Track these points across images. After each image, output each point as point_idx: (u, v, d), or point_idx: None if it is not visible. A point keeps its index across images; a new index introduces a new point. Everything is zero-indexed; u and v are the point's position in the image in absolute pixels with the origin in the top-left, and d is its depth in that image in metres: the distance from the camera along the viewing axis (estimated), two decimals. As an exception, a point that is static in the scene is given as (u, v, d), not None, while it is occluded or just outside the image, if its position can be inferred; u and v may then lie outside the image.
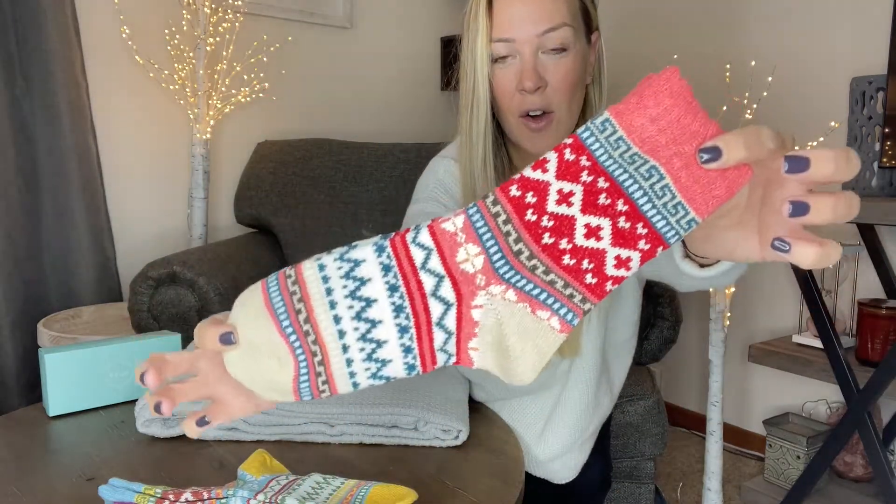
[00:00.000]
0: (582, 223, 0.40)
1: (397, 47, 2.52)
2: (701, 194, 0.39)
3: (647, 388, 1.40)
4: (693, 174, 0.39)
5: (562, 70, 0.83)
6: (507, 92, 0.84)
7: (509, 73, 0.84)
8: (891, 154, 1.51)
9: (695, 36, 2.12)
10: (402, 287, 0.41)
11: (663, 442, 1.41)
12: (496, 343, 0.42)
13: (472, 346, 0.42)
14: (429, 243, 0.41)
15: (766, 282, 2.00)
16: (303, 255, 1.79)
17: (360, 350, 0.42)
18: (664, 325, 1.45)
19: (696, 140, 0.40)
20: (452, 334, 0.42)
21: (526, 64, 0.82)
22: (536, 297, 0.42)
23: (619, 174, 0.39)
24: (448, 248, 0.41)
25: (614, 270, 0.40)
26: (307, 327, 0.42)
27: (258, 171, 1.91)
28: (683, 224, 0.39)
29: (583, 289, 0.41)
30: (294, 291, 0.42)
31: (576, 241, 0.40)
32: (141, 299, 1.46)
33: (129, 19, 1.88)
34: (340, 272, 0.41)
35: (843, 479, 1.71)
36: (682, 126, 0.40)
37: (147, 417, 0.94)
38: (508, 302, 0.42)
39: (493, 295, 0.42)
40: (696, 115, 0.41)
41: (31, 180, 1.74)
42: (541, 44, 0.82)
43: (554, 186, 0.40)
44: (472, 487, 0.83)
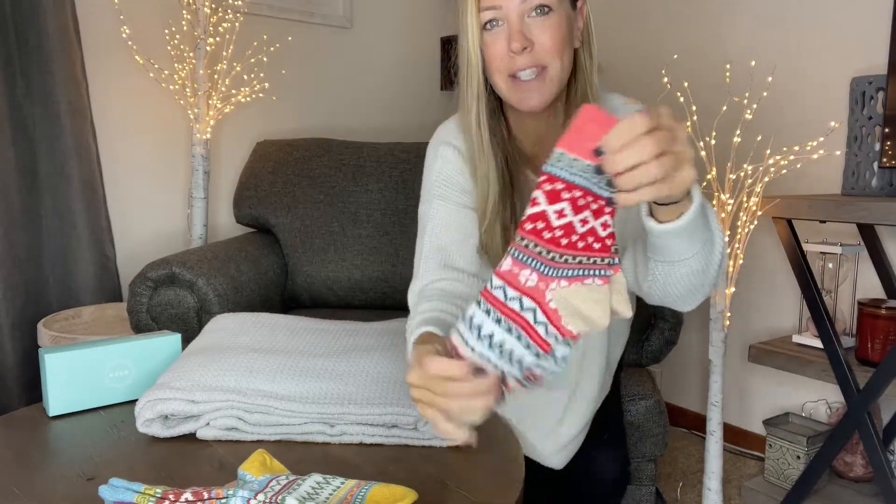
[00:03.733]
0: (577, 220, 0.63)
1: (397, 47, 2.52)
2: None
3: (647, 389, 1.40)
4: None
5: (547, 30, 0.88)
6: (497, 55, 0.90)
7: (498, 37, 0.89)
8: (891, 154, 1.50)
9: (695, 36, 2.12)
10: (502, 317, 0.64)
11: (664, 443, 1.40)
12: (574, 313, 0.63)
13: (564, 323, 0.63)
14: (499, 283, 0.64)
15: (766, 282, 2.00)
16: (302, 256, 1.79)
17: (505, 363, 0.63)
18: (665, 326, 1.45)
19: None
20: (548, 323, 0.64)
21: (513, 27, 0.88)
22: (577, 276, 0.64)
23: (581, 181, 0.61)
24: (512, 280, 0.64)
25: (604, 231, 0.63)
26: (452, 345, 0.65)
27: (257, 170, 1.90)
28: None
29: (597, 255, 0.64)
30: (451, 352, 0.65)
31: (578, 232, 0.63)
32: (140, 300, 1.45)
33: (129, 19, 1.88)
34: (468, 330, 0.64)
35: (843, 479, 1.71)
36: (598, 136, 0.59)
37: (147, 417, 0.94)
38: (564, 288, 0.64)
39: (553, 290, 0.64)
40: (610, 126, 0.59)
41: (31, 180, 1.74)
42: (525, 8, 0.88)
43: (549, 211, 0.63)
44: (472, 487, 0.83)
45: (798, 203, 1.50)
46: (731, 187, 1.35)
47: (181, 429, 0.95)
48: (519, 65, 0.89)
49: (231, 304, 1.49)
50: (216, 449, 0.92)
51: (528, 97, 0.91)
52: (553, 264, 0.64)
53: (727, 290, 1.39)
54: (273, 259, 1.79)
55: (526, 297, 0.64)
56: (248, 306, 1.55)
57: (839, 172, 1.71)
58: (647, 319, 1.46)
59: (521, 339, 0.63)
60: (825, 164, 1.74)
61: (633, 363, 1.48)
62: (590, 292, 0.64)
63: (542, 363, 0.63)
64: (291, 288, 1.82)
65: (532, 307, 0.64)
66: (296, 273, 1.80)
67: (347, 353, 1.08)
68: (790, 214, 1.52)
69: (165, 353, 1.12)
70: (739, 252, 1.39)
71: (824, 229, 1.79)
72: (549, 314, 0.63)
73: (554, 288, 0.64)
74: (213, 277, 1.48)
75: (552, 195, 0.62)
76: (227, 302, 1.49)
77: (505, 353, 0.63)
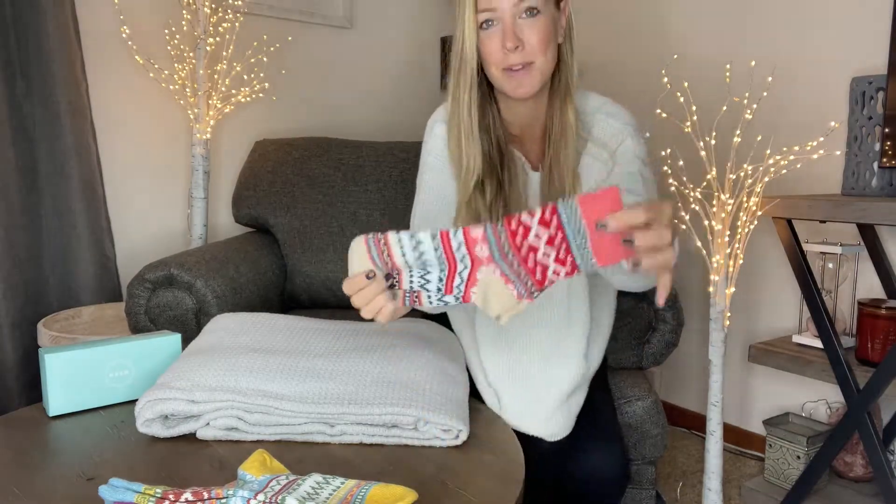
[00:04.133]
0: (542, 253, 0.78)
1: (397, 47, 2.52)
2: (603, 255, 0.76)
3: (643, 389, 1.39)
4: (603, 241, 0.75)
5: (536, 30, 1.02)
6: (492, 51, 1.03)
7: (494, 36, 1.02)
8: (891, 154, 1.50)
9: (694, 36, 2.12)
10: (443, 255, 0.80)
11: (663, 444, 1.40)
12: (484, 293, 0.81)
13: (473, 291, 0.82)
14: (460, 236, 0.79)
15: (766, 282, 2.00)
16: (301, 256, 1.79)
17: (418, 277, 0.82)
18: (665, 328, 1.44)
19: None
20: (465, 282, 0.81)
21: (507, 28, 1.01)
22: (508, 278, 0.80)
23: (569, 233, 0.76)
24: (470, 242, 0.79)
25: (553, 276, 0.79)
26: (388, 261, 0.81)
27: (256, 170, 1.90)
28: (590, 266, 0.77)
29: (531, 281, 0.80)
30: (382, 247, 0.81)
31: (537, 259, 0.78)
32: (138, 302, 1.44)
33: (129, 19, 1.88)
34: (410, 240, 0.80)
35: (843, 479, 1.71)
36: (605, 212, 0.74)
37: (147, 417, 0.94)
38: (494, 274, 0.81)
39: (488, 269, 0.80)
40: (617, 204, 0.74)
41: (31, 180, 1.74)
42: (517, 11, 1.01)
43: (533, 230, 0.77)
44: (472, 487, 0.83)
45: (798, 203, 1.50)
46: (731, 187, 1.35)
47: (181, 429, 0.95)
48: (512, 61, 1.02)
49: (230, 306, 1.49)
50: (216, 449, 0.92)
51: (520, 86, 1.04)
52: (503, 258, 0.79)
53: (727, 290, 1.39)
54: (272, 259, 1.78)
55: (469, 256, 0.80)
56: (246, 307, 1.55)
57: (839, 172, 1.71)
58: (647, 322, 1.46)
59: (442, 270, 0.81)
60: (825, 164, 1.74)
61: (634, 365, 1.47)
62: (503, 292, 0.80)
63: (430, 293, 0.82)
64: (290, 288, 1.82)
65: (466, 264, 0.81)
66: (295, 273, 1.80)
67: (347, 353, 1.08)
68: (790, 214, 1.52)
69: (165, 353, 1.12)
70: (739, 252, 1.39)
71: (824, 229, 1.79)
72: (470, 278, 0.81)
73: (489, 269, 0.80)
74: (211, 279, 1.48)
75: (543, 224, 0.76)
76: (226, 303, 1.48)
77: (421, 263, 0.80)
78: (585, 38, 2.57)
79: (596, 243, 0.76)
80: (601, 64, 2.41)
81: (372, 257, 0.82)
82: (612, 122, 1.11)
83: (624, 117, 1.13)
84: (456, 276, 0.81)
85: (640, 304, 1.44)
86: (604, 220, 0.73)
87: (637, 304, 1.44)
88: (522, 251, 0.78)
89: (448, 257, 0.80)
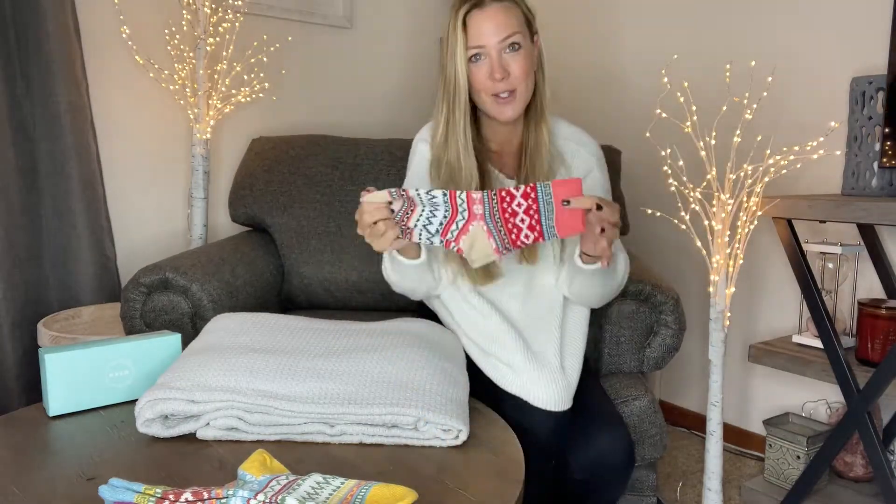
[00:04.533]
0: (519, 218, 1.02)
1: (397, 47, 2.52)
2: (563, 227, 1.01)
3: (639, 390, 1.39)
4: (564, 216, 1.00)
5: (518, 62, 1.19)
6: (482, 81, 1.19)
7: (483, 68, 1.19)
8: (891, 154, 1.51)
9: (694, 36, 2.12)
10: (449, 204, 1.03)
11: (663, 444, 1.39)
12: (471, 241, 1.04)
13: (463, 238, 1.04)
14: (464, 197, 1.02)
15: (766, 282, 2.00)
16: (299, 257, 1.78)
17: (427, 214, 1.03)
18: (667, 333, 1.43)
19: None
20: (459, 230, 1.04)
21: (494, 62, 1.18)
22: (491, 232, 1.03)
23: (541, 207, 1.00)
24: (471, 202, 1.02)
25: (523, 239, 1.02)
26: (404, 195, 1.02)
27: (253, 169, 1.88)
28: (553, 235, 1.01)
29: (508, 239, 1.03)
30: (401, 192, 1.02)
31: (515, 222, 1.02)
32: (133, 306, 1.43)
33: (129, 19, 1.88)
34: (423, 190, 1.02)
35: (843, 479, 1.71)
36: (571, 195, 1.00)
37: (147, 417, 0.94)
38: (482, 229, 1.04)
39: (479, 224, 1.03)
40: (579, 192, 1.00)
41: (31, 180, 1.74)
42: (502, 47, 1.18)
43: (517, 198, 1.01)
44: (472, 487, 0.83)
45: (798, 203, 1.50)
46: (731, 187, 1.35)
47: (181, 429, 0.95)
48: (499, 89, 1.19)
49: (226, 309, 1.47)
50: (216, 449, 0.92)
51: (505, 111, 1.21)
52: (492, 217, 1.03)
53: (727, 290, 1.39)
54: (269, 260, 1.77)
55: (468, 210, 1.03)
56: (243, 310, 1.54)
57: (839, 172, 1.71)
58: (649, 326, 1.44)
59: (445, 214, 1.03)
60: (825, 165, 1.74)
61: (635, 370, 1.46)
62: (485, 243, 1.04)
63: (427, 231, 1.04)
64: (288, 290, 1.81)
65: (464, 217, 1.03)
66: (292, 274, 1.79)
67: (347, 353, 1.08)
68: (790, 214, 1.52)
69: (165, 353, 1.12)
70: (739, 252, 1.39)
71: (824, 229, 1.79)
72: (464, 228, 1.04)
73: (479, 224, 1.03)
74: (207, 282, 1.46)
75: (525, 196, 1.00)
76: (222, 307, 1.47)
77: (432, 204, 1.03)
78: (586, 38, 2.58)
79: (559, 218, 1.00)
80: (601, 64, 2.41)
81: (390, 193, 1.01)
82: (582, 152, 1.30)
83: (593, 148, 1.33)
84: (453, 224, 1.03)
85: (642, 307, 1.44)
86: (568, 199, 0.99)
87: (638, 309, 1.43)
88: (506, 214, 1.01)
89: (452, 206, 1.02)
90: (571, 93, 2.50)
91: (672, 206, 1.58)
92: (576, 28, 2.47)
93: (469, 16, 1.18)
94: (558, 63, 2.56)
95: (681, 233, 1.47)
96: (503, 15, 1.17)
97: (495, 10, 1.17)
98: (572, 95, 2.50)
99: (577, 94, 2.49)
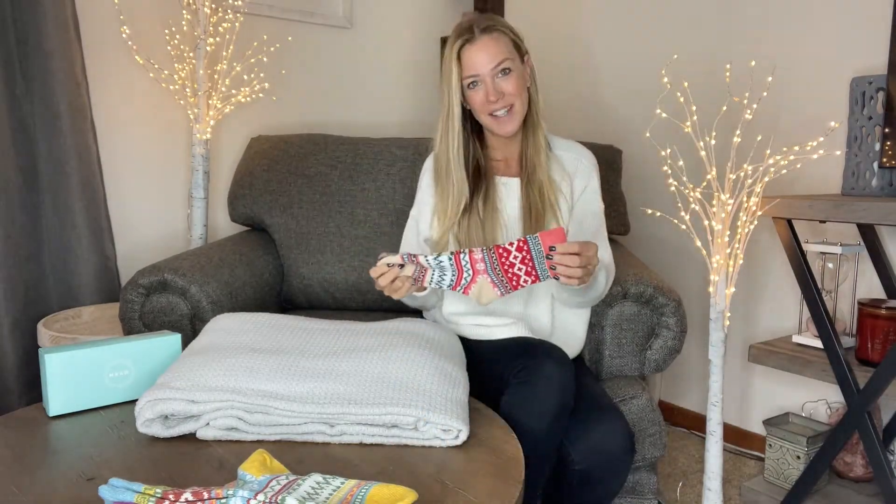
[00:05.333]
0: (517, 268, 1.16)
1: (397, 47, 2.52)
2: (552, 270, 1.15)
3: (637, 389, 1.38)
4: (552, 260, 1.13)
5: (511, 84, 1.33)
6: (480, 103, 1.35)
7: (480, 93, 1.34)
8: (891, 154, 1.51)
9: (694, 36, 2.12)
10: (455, 267, 1.18)
11: (662, 442, 1.39)
12: (479, 291, 1.18)
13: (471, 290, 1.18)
14: (468, 259, 1.18)
15: (766, 282, 2.00)
16: (298, 257, 1.78)
17: (437, 277, 1.18)
18: (668, 335, 1.42)
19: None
20: (467, 284, 1.18)
21: (489, 87, 1.33)
22: (494, 282, 1.17)
23: (534, 256, 1.14)
24: (474, 261, 1.17)
25: (522, 283, 1.17)
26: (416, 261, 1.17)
27: (252, 168, 1.87)
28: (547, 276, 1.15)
29: (510, 285, 1.17)
30: (413, 257, 1.16)
31: (514, 271, 1.16)
32: (132, 307, 1.42)
33: (129, 19, 1.88)
34: (431, 257, 1.17)
35: (843, 479, 1.71)
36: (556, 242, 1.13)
37: (147, 417, 0.94)
38: (487, 281, 1.18)
39: (484, 277, 1.18)
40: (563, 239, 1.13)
41: (31, 180, 1.74)
42: (494, 72, 1.32)
43: (513, 253, 1.15)
44: (472, 487, 0.83)
45: (798, 203, 1.50)
46: (731, 187, 1.35)
47: (181, 429, 0.95)
48: (496, 108, 1.33)
49: (225, 310, 1.47)
50: (216, 449, 0.92)
51: (504, 126, 1.35)
52: (493, 271, 1.17)
53: (727, 290, 1.39)
54: (268, 260, 1.77)
55: (471, 269, 1.17)
56: (243, 311, 1.54)
57: (839, 172, 1.71)
58: (650, 328, 1.44)
59: (453, 276, 1.18)
60: (825, 164, 1.74)
61: (636, 373, 1.46)
62: (490, 291, 1.18)
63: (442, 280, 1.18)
64: (287, 290, 1.81)
65: (469, 275, 1.18)
66: (292, 275, 1.79)
67: (347, 353, 1.08)
68: (790, 214, 1.52)
69: (165, 353, 1.12)
70: (739, 252, 1.39)
71: (824, 229, 1.79)
72: (471, 282, 1.18)
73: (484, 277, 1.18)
74: (206, 284, 1.46)
75: (519, 250, 1.15)
76: (221, 308, 1.47)
77: (439, 268, 1.18)
78: (586, 37, 2.58)
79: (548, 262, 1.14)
80: (601, 63, 2.41)
81: (402, 257, 1.15)
82: (583, 161, 1.44)
83: (590, 157, 1.46)
84: (462, 281, 1.19)
85: (643, 310, 1.43)
86: (554, 246, 1.12)
87: (640, 311, 1.43)
88: (505, 266, 1.16)
89: (458, 268, 1.18)
90: (572, 92, 2.50)
91: (672, 206, 1.57)
92: (576, 27, 2.47)
93: (463, 50, 1.33)
94: (559, 62, 2.56)
95: (681, 233, 1.47)
96: (493, 45, 1.32)
97: (485, 42, 1.32)
98: (573, 94, 2.50)
99: (577, 93, 2.49)
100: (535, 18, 2.60)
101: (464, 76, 1.34)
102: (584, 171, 1.43)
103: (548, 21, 2.57)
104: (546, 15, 2.58)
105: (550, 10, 2.57)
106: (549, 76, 2.56)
